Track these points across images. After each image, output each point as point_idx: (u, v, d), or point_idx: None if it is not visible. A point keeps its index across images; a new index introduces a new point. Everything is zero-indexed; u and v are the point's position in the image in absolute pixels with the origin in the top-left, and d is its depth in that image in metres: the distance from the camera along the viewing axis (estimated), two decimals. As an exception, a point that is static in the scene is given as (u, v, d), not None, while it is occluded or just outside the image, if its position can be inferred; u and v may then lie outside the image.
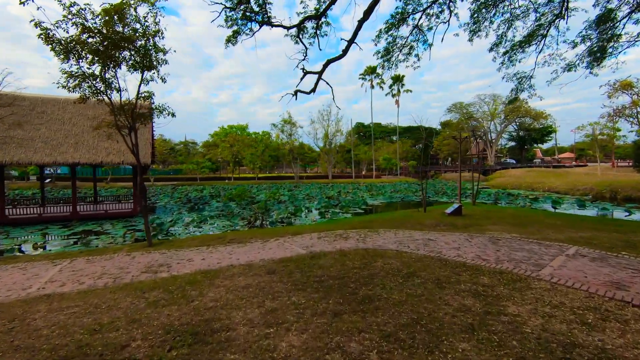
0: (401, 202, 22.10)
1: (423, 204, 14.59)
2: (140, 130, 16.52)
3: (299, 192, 29.76)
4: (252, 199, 24.25)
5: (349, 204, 19.70)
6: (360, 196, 25.63)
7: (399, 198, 23.86)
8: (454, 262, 4.83)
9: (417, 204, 20.44)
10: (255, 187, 40.14)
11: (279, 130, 51.75)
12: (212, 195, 27.99)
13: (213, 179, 56.02)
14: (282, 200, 22.71)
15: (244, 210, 17.74)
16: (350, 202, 20.27)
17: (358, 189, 33.86)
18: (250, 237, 8.89)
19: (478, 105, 69.14)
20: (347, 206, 18.45)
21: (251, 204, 20.52)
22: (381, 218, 12.19)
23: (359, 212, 17.52)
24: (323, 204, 19.52)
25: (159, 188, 38.00)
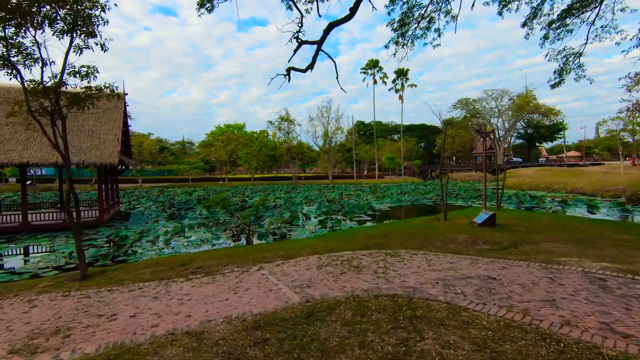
0: (412, 206, 19.94)
1: (444, 210, 12.40)
2: (106, 123, 14.35)
3: (297, 195, 27.57)
4: (243, 203, 22.05)
5: (353, 209, 17.51)
6: (364, 199, 23.46)
7: (408, 201, 21.70)
8: (572, 346, 2.64)
9: (430, 209, 18.26)
10: (250, 188, 37.92)
11: (275, 128, 49.53)
12: (201, 198, 25.77)
13: (206, 180, 53.80)
14: (277, 205, 20.51)
15: (232, 217, 15.54)
16: (354, 207, 18.07)
17: (361, 191, 31.67)
18: (225, 261, 6.70)
19: (485, 102, 67.02)
20: (352, 212, 16.25)
21: (242, 209, 18.31)
22: (398, 230, 10.00)
23: (365, 219, 15.33)
24: (323, 209, 17.33)
25: (145, 190, 35.75)
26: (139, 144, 41.45)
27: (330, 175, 53.43)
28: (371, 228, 10.72)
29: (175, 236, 11.82)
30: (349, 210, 16.71)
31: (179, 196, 28.45)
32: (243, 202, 22.52)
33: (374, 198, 24.31)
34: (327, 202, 21.84)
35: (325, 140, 53.14)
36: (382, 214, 17.30)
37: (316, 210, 17.61)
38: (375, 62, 49.94)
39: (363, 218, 15.52)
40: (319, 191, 31.80)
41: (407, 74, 50.03)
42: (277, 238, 11.45)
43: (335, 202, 21.72)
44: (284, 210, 17.63)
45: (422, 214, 16.32)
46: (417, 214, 16.71)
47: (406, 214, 17.34)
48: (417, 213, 16.96)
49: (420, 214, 16.49)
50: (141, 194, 30.56)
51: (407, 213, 17.48)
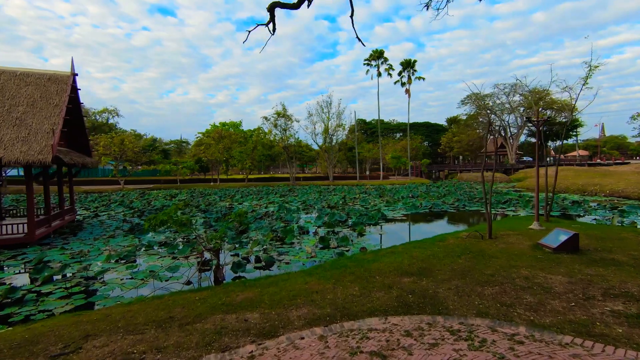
0: (432, 214, 16.87)
1: (488, 225, 9.32)
2: (42, 110, 11.25)
3: (293, 199, 24.48)
4: (230, 209, 18.97)
5: (361, 218, 14.42)
6: (372, 204, 20.40)
7: (424, 207, 18.62)
8: None
9: (456, 218, 15.12)
10: (243, 191, 34.80)
11: (271, 124, 46.36)
12: (183, 203, 22.63)
13: (197, 181, 50.67)
14: (268, 212, 17.43)
15: (212, 229, 12.45)
16: (363, 216, 14.98)
17: (366, 194, 28.61)
18: (144, 347, 3.61)
19: (495, 97, 64.02)
20: (361, 223, 13.16)
21: (224, 217, 15.23)
22: (436, 258, 7.00)
23: (379, 234, 12.26)
24: (325, 219, 14.22)
25: (121, 194, 32.60)
26: (120, 142, 38.29)
27: (331, 176, 50.34)
28: (396, 254, 7.64)
29: (121, 263, 8.72)
30: (358, 221, 13.61)
31: (158, 200, 25.33)
32: (230, 208, 19.43)
33: (382, 203, 21.24)
34: (329, 208, 18.78)
35: (325, 138, 50.03)
36: (399, 224, 14.22)
37: (316, 221, 14.52)
38: (380, 52, 46.84)
39: (376, 234, 12.45)
40: (318, 194, 28.72)
41: (414, 65, 47.00)
42: (262, 266, 8.36)
43: (338, 209, 18.68)
44: (276, 220, 14.52)
45: (450, 226, 13.28)
46: (444, 225, 13.64)
47: (429, 224, 14.27)
48: (444, 224, 13.90)
49: (448, 225, 13.44)
50: (116, 198, 27.42)
51: (429, 223, 14.40)
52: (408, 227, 13.87)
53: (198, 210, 18.57)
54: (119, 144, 38.29)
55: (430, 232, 11.79)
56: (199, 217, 16.28)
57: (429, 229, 12.97)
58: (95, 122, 66.94)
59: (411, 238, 11.10)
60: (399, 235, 11.93)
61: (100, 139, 38.21)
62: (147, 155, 42.43)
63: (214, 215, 16.34)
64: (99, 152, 37.48)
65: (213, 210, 18.14)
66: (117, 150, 38.25)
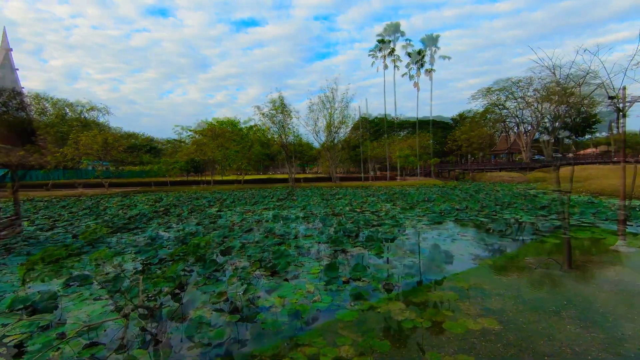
0: (461, 225, 14.07)
1: (567, 252, 6.58)
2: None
3: (292, 206, 21.72)
4: (213, 222, 16.24)
5: (376, 233, 11.62)
6: (384, 211, 17.65)
7: (449, 215, 15.80)
8: None
9: (492, 229, 12.20)
10: (236, 194, 32.06)
11: (267, 119, 43.55)
12: (160, 210, 19.93)
13: (189, 183, 48.03)
14: (260, 227, 14.68)
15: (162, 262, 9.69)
16: (379, 232, 12.19)
17: (375, 197, 25.85)
18: None
19: (508, 90, 61.03)
20: (379, 241, 10.36)
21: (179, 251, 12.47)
22: (516, 322, 4.18)
23: (402, 256, 9.47)
24: (331, 237, 11.45)
25: (98, 198, 29.91)
26: (103, 140, 35.65)
27: (334, 177, 47.54)
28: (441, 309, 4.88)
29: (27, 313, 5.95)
30: (373, 237, 10.80)
31: (137, 207, 22.61)
32: (214, 220, 16.68)
33: (396, 209, 18.48)
34: (334, 216, 16.02)
35: (328, 134, 47.23)
36: (422, 238, 11.44)
37: (319, 237, 11.74)
38: (395, 25, 43.31)
39: (395, 249, 9.66)
40: (321, 198, 25.97)
41: (437, 41, 43.32)
42: (240, 319, 5.57)
43: (344, 217, 15.94)
44: (269, 240, 11.73)
45: (493, 241, 10.48)
46: (482, 241, 10.84)
47: (463, 241, 11.45)
48: (481, 239, 11.09)
49: (491, 241, 10.64)
50: (89, 204, 24.72)
51: (463, 240, 11.58)
52: (434, 245, 11.08)
53: (177, 219, 15.84)
54: (102, 142, 35.62)
55: (467, 254, 9.05)
56: (170, 232, 13.55)
57: (465, 248, 10.17)
58: (82, 120, 64.40)
59: (445, 264, 8.32)
60: (431, 260, 9.14)
61: (80, 137, 35.56)
62: (135, 155, 39.70)
63: (180, 233, 13.59)
64: (79, 152, 34.87)
65: (190, 223, 15.41)
66: (100, 150, 35.60)
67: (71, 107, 68.23)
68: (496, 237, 11.21)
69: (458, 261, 8.47)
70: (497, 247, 9.96)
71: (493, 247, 10.10)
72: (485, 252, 9.42)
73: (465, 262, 8.44)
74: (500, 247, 9.93)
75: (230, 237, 11.50)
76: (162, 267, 8.20)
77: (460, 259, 8.66)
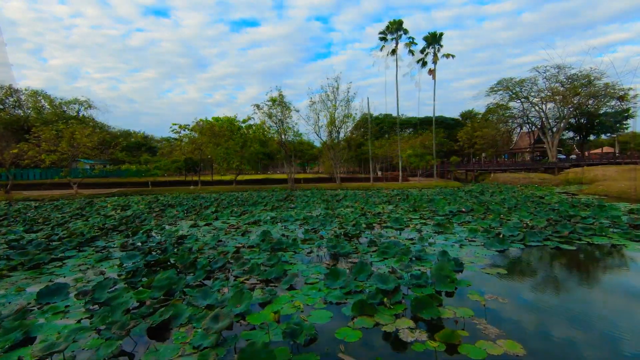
0: (534, 256, 9.31)
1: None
2: None
3: (288, 216, 16.89)
4: (180, 242, 11.52)
5: (414, 280, 6.86)
6: (407, 226, 12.89)
7: (511, 238, 10.96)
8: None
9: (593, 269, 7.34)
10: (224, 199, 27.30)
11: (264, 114, 38.75)
12: (121, 224, 15.15)
13: (175, 184, 43.34)
14: (238, 254, 9.92)
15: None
16: (410, 264, 7.48)
17: (391, 204, 21.09)
18: None
19: (530, 82, 56.04)
20: (425, 302, 5.59)
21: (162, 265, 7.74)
22: None
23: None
24: (347, 277, 6.77)
25: (53, 205, 25.15)
26: (70, 135, 30.89)
27: (337, 178, 42.73)
28: None
29: None
30: (414, 285, 5.99)
31: (99, 217, 17.87)
32: (180, 240, 11.85)
33: (411, 215, 13.70)
34: (346, 238, 11.24)
35: (331, 131, 42.39)
36: (495, 288, 6.64)
37: (325, 283, 6.99)
38: (398, 23, 38.89)
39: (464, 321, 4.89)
40: (325, 206, 21.17)
41: (440, 40, 39.04)
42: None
43: (358, 236, 11.21)
44: (256, 270, 6.88)
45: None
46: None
47: (558, 293, 6.63)
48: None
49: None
50: (33, 212, 19.97)
51: (581, 301, 6.74)
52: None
53: (119, 244, 11.05)
54: (68, 138, 30.83)
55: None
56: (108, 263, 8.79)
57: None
58: (62, 114, 59.72)
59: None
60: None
61: (42, 132, 30.81)
62: (110, 152, 34.94)
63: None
64: (41, 149, 30.16)
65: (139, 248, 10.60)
66: (66, 147, 30.82)
67: (68, 105, 63.91)
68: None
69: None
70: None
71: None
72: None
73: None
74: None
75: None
76: None
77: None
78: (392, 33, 39.00)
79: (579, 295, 6.70)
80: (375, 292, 6.21)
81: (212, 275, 7.91)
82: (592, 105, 59.29)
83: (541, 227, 12.66)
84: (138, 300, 6.34)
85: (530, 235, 11.03)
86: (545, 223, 12.92)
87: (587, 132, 67.00)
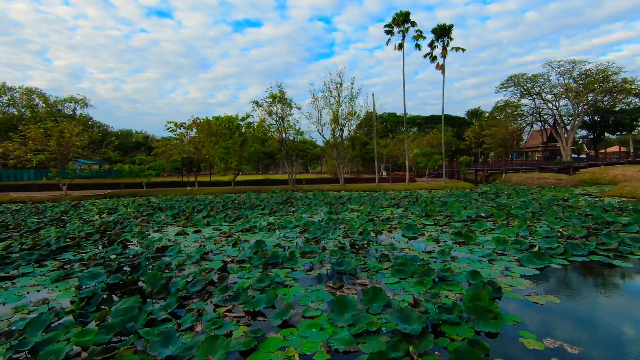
0: (583, 276, 7.73)
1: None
2: None
3: (289, 223, 15.34)
4: (155, 258, 10.07)
5: (449, 312, 5.31)
6: (422, 234, 11.33)
7: (550, 252, 9.36)
8: None
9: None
10: (219, 201, 25.84)
11: (264, 111, 37.28)
12: (96, 233, 13.70)
13: (170, 185, 42.03)
14: (221, 274, 8.45)
15: None
16: (436, 289, 5.95)
17: (400, 208, 19.54)
18: None
19: (544, 77, 54.12)
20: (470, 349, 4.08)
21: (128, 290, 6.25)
22: None
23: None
24: (359, 310, 5.25)
25: (34, 207, 23.80)
26: (59, 133, 29.57)
27: (341, 178, 41.19)
28: None
29: None
30: (445, 322, 4.46)
31: (78, 223, 16.46)
32: (160, 253, 10.36)
33: (440, 230, 12.13)
34: (352, 249, 9.70)
35: (335, 129, 40.84)
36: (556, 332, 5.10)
37: (329, 317, 5.43)
38: (405, 15, 37.23)
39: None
40: (328, 210, 19.62)
41: (450, 32, 37.35)
42: None
43: (368, 245, 9.68)
44: (241, 313, 5.37)
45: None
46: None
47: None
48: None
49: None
50: (16, 217, 18.61)
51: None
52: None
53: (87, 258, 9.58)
54: (57, 137, 29.51)
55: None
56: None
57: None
58: (58, 113, 58.70)
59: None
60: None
61: (29, 131, 29.50)
62: (102, 152, 33.61)
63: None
64: (27, 148, 28.87)
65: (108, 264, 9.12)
66: (55, 146, 29.50)
67: (63, 103, 63.02)
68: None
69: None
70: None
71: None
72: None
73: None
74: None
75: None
76: None
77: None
78: (398, 26, 37.35)
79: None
80: (396, 338, 4.65)
81: (186, 303, 6.40)
82: (608, 102, 57.30)
83: (580, 236, 11.04)
84: (79, 345, 4.84)
85: (573, 248, 9.42)
86: (584, 232, 11.27)
87: (601, 130, 64.96)
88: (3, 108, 56.86)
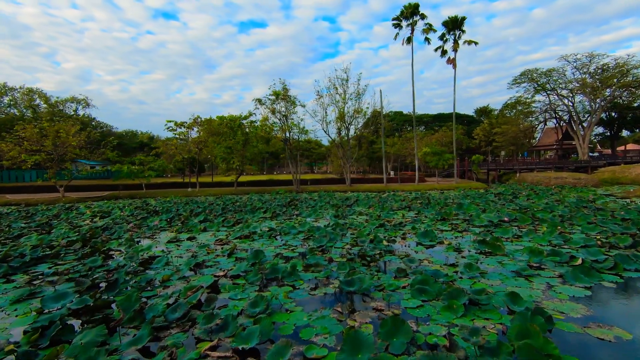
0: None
1: None
2: None
3: (292, 228, 14.17)
4: (141, 271, 9.00)
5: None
6: (440, 242, 10.07)
7: (600, 266, 8.07)
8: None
9: None
10: (220, 204, 24.79)
11: (267, 109, 36.21)
12: (82, 240, 12.67)
13: (171, 186, 41.20)
14: (225, 280, 7.30)
15: None
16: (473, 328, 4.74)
17: (412, 211, 18.27)
18: None
19: (558, 72, 52.19)
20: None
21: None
22: None
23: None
24: (366, 354, 4.11)
25: (29, 209, 22.96)
26: (55, 133, 28.79)
27: (348, 179, 39.96)
28: None
29: None
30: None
31: (63, 230, 15.50)
32: (144, 266, 9.26)
33: (459, 235, 10.86)
34: (363, 260, 8.50)
35: (340, 127, 39.62)
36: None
37: (343, 351, 4.26)
38: (414, 6, 35.79)
39: None
40: (334, 213, 18.41)
41: (462, 24, 35.80)
42: None
43: (376, 260, 8.49)
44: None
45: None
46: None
47: None
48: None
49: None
50: (1, 222, 17.74)
51: None
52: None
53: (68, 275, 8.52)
54: (53, 136, 28.76)
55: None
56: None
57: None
58: (59, 113, 58.35)
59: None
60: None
61: (24, 131, 28.77)
62: (100, 152, 32.83)
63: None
64: (22, 148, 28.15)
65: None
66: (51, 146, 28.76)
67: (64, 103, 62.81)
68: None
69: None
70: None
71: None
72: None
73: None
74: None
75: None
76: None
77: None
78: (407, 18, 35.91)
79: None
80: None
81: (162, 336, 5.26)
82: (626, 98, 55.17)
83: (625, 245, 9.69)
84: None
85: (623, 261, 8.09)
86: (629, 240, 9.90)
87: (619, 127, 62.72)
88: (4, 109, 56.67)
